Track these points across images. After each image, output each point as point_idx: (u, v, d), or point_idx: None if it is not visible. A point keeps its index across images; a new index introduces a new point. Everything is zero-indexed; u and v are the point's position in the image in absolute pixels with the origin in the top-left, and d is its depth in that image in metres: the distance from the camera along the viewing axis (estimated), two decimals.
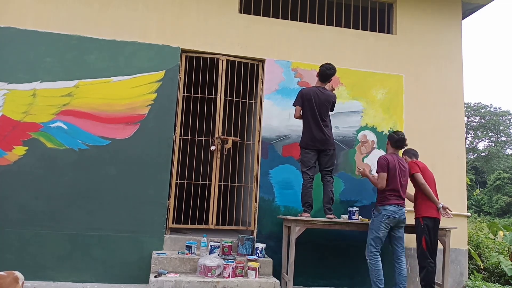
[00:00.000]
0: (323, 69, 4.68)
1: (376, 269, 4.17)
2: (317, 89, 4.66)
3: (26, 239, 4.38)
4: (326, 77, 4.71)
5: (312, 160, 4.59)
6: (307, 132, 4.62)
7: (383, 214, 4.21)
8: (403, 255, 4.33)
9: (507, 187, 27.84)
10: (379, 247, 4.24)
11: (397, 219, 4.23)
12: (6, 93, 4.56)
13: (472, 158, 36.68)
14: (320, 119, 4.57)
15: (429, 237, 4.27)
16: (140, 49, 4.90)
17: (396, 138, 4.43)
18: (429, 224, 4.29)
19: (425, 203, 4.36)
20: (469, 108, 39.11)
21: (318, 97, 4.59)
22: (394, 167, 4.29)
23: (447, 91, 5.78)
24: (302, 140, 4.68)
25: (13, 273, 3.18)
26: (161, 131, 4.81)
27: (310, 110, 4.59)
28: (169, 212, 4.78)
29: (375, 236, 4.23)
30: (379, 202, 4.32)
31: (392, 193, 4.26)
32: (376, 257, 4.21)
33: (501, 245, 7.69)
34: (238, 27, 5.25)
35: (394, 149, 4.46)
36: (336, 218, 4.59)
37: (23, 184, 4.46)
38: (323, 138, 4.56)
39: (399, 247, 4.32)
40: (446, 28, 5.96)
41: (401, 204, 4.27)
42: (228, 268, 4.05)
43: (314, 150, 4.60)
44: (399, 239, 4.33)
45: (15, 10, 4.72)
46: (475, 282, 5.61)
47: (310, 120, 4.59)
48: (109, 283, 4.46)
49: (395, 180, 4.27)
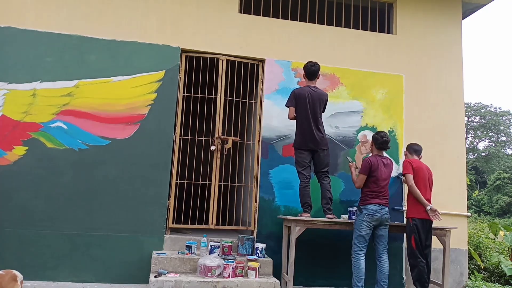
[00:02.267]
0: (307, 67, 4.68)
1: (357, 267, 4.20)
2: (309, 89, 4.64)
3: (26, 239, 4.38)
4: (312, 74, 4.69)
5: (306, 160, 4.59)
6: (300, 132, 4.61)
7: (364, 213, 4.25)
8: (385, 253, 4.35)
9: (507, 187, 27.81)
10: (362, 245, 4.25)
11: (379, 218, 4.25)
12: (6, 93, 4.56)
13: (472, 158, 36.67)
14: (312, 119, 4.56)
15: (419, 236, 4.28)
16: (140, 49, 4.90)
17: (380, 140, 4.46)
18: (418, 224, 4.30)
19: (415, 204, 4.36)
20: (469, 108, 39.11)
21: (311, 97, 4.58)
22: (376, 169, 4.32)
23: (447, 91, 5.78)
24: (295, 140, 4.67)
25: (11, 271, 3.16)
26: (161, 131, 4.81)
27: (304, 110, 4.57)
28: (169, 212, 4.78)
29: (358, 235, 4.26)
30: (361, 201, 4.37)
31: (374, 193, 4.29)
32: (358, 255, 4.23)
33: (501, 245, 7.70)
34: (238, 27, 5.25)
35: (378, 150, 4.49)
36: (336, 218, 4.59)
37: (23, 184, 4.46)
38: (316, 138, 4.56)
39: (381, 245, 4.35)
40: (446, 28, 5.96)
41: (383, 204, 4.29)
42: (228, 268, 4.05)
43: (308, 150, 4.60)
44: (381, 237, 4.35)
45: (15, 10, 4.72)
46: (475, 282, 5.60)
47: (303, 120, 4.59)
48: (109, 283, 4.46)
49: (377, 182, 4.30)
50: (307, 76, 4.72)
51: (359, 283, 4.17)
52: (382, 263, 4.31)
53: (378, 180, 4.31)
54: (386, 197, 4.36)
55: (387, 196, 4.37)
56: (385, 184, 4.36)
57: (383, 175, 4.34)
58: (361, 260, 4.22)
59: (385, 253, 4.35)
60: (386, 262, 4.32)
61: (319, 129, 4.59)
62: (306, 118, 4.56)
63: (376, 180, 4.31)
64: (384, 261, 4.32)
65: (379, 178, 4.31)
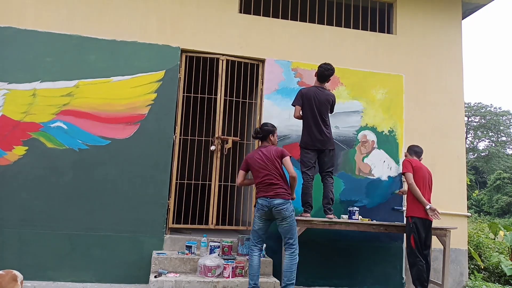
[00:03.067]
0: (322, 70, 4.68)
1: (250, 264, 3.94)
2: (316, 89, 4.66)
3: (26, 239, 4.38)
4: (324, 78, 4.71)
5: (312, 160, 4.58)
6: (307, 132, 4.61)
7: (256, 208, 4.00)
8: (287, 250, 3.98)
9: (507, 187, 27.78)
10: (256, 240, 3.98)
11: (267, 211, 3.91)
12: (6, 93, 4.56)
13: (472, 158, 36.64)
14: (320, 119, 4.57)
15: (418, 235, 4.28)
16: (140, 49, 4.90)
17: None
18: (418, 222, 4.30)
19: (414, 203, 4.37)
20: (469, 108, 39.08)
21: (318, 97, 4.59)
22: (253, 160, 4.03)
23: (447, 91, 5.78)
24: (302, 140, 4.67)
25: (11, 271, 3.16)
26: (161, 131, 4.81)
27: (310, 110, 4.58)
28: (169, 212, 4.78)
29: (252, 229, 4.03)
30: None
31: (260, 185, 3.99)
32: (252, 251, 3.98)
33: (501, 245, 7.70)
34: (238, 27, 5.25)
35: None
36: (336, 218, 4.59)
37: (23, 184, 4.46)
38: (323, 138, 4.56)
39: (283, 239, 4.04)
40: (446, 28, 5.96)
41: (271, 196, 3.88)
42: (228, 268, 4.05)
43: (314, 150, 4.59)
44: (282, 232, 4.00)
45: (15, 10, 4.72)
46: (475, 282, 5.61)
47: (310, 120, 4.59)
48: (109, 283, 4.46)
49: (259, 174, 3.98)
50: (318, 78, 4.73)
51: (251, 280, 3.89)
52: None
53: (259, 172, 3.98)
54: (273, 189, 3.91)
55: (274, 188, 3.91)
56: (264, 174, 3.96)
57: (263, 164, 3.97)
58: (253, 256, 3.95)
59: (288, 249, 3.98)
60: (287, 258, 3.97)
61: (326, 128, 4.59)
62: (313, 117, 4.57)
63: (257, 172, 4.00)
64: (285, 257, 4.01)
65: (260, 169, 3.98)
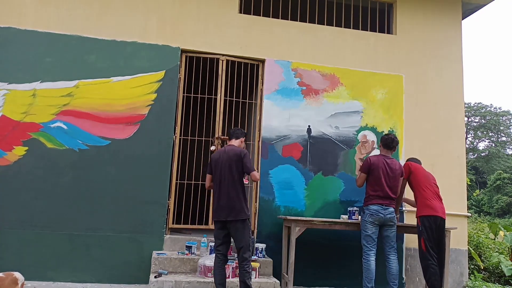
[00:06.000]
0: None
1: (366, 268, 4.22)
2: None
3: (26, 239, 4.38)
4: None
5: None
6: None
7: (366, 213, 4.30)
8: (392, 254, 4.34)
9: (507, 187, 27.77)
10: (371, 245, 4.26)
11: (382, 218, 4.25)
12: (6, 93, 4.56)
13: (472, 158, 36.63)
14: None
15: (428, 237, 4.26)
16: (140, 49, 4.90)
17: (385, 137, 4.53)
18: (426, 223, 4.29)
19: (420, 203, 4.40)
20: (469, 108, 39.06)
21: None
22: (377, 168, 4.34)
23: (447, 91, 5.78)
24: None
25: (12, 274, 3.11)
26: (161, 131, 4.81)
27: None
28: (169, 212, 4.78)
29: (365, 235, 4.29)
30: (364, 202, 4.42)
31: (375, 193, 4.32)
32: (368, 256, 4.25)
33: (501, 245, 7.69)
34: (238, 27, 5.25)
35: (386, 150, 4.52)
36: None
37: (23, 184, 4.46)
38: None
39: (387, 246, 4.36)
40: (446, 28, 5.96)
41: (386, 204, 4.29)
42: (228, 268, 4.05)
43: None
44: (387, 238, 4.36)
45: (15, 10, 4.72)
46: (475, 282, 5.60)
47: None
48: (109, 283, 4.46)
49: (380, 181, 4.31)
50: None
51: (369, 283, 4.18)
52: (390, 263, 4.31)
53: (381, 179, 4.31)
54: (391, 198, 4.33)
55: (392, 196, 4.34)
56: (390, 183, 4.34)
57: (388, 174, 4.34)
58: (370, 260, 4.23)
59: (393, 253, 4.34)
60: (394, 262, 4.31)
61: None
62: None
63: (378, 179, 4.31)
64: (392, 262, 4.31)
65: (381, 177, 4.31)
